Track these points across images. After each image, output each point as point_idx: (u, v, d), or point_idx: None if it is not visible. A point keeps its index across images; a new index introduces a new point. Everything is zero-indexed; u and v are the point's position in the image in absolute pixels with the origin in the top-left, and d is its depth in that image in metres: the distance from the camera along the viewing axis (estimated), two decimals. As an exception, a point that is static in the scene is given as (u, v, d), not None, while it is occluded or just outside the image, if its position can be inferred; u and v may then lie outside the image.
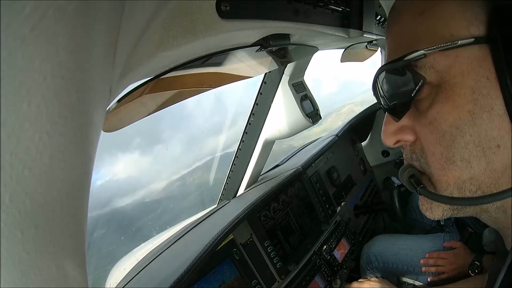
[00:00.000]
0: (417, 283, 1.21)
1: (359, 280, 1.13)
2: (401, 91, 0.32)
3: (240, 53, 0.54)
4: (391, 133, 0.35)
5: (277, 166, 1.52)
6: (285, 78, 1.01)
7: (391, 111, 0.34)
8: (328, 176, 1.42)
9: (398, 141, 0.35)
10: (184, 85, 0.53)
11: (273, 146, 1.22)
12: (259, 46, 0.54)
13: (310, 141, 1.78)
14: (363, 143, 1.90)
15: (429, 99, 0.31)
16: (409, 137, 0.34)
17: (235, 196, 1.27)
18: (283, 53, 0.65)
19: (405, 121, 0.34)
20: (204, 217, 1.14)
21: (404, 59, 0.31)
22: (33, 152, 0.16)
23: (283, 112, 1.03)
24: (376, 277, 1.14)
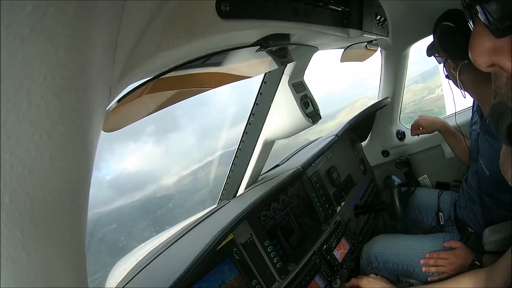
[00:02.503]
0: (417, 283, 1.21)
1: (358, 277, 1.13)
2: None
3: (240, 53, 0.54)
4: (486, 51, 0.26)
5: (277, 166, 1.52)
6: (285, 78, 1.01)
7: (494, 19, 0.24)
8: (328, 176, 1.42)
9: (492, 65, 0.26)
10: (184, 85, 0.53)
11: (274, 146, 1.22)
12: (259, 46, 0.54)
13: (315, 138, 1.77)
14: (363, 143, 1.90)
15: None
16: (509, 65, 0.25)
17: (235, 196, 1.27)
18: (283, 53, 0.65)
19: (504, 41, 0.24)
20: (204, 217, 1.14)
21: None
22: (33, 152, 0.16)
23: (283, 112, 1.03)
24: (376, 274, 1.14)
